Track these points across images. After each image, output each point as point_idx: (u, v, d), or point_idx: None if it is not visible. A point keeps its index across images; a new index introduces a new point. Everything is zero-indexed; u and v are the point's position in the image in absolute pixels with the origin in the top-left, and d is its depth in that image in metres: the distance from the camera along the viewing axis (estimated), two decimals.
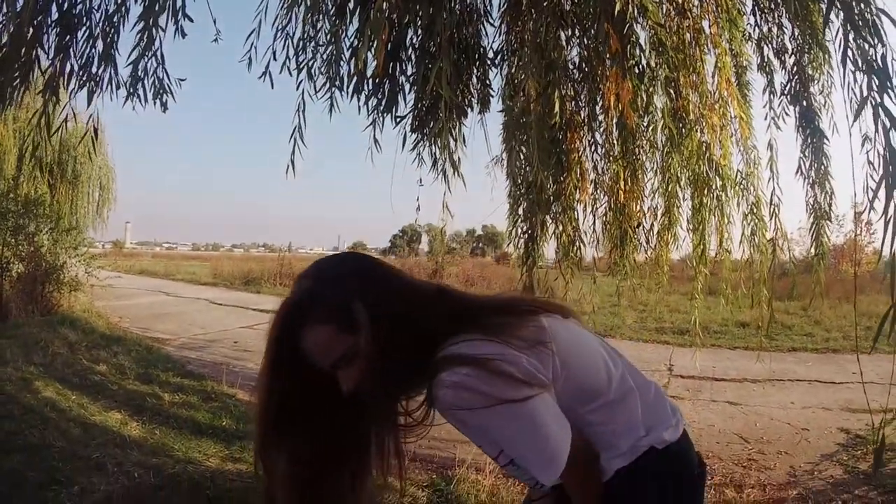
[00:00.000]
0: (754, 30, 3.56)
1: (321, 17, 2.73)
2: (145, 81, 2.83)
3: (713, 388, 5.84)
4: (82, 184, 11.80)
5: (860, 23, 1.59)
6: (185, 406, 4.50)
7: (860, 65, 1.56)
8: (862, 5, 1.59)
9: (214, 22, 2.73)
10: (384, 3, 1.39)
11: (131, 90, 2.83)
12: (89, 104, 2.73)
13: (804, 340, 8.42)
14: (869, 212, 1.61)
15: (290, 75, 2.94)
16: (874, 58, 1.55)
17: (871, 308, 8.27)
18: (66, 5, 2.48)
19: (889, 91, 1.48)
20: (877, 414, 3.40)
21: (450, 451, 3.77)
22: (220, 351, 7.17)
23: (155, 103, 2.94)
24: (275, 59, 2.98)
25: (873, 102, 1.49)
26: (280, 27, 2.89)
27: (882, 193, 1.44)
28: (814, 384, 6.03)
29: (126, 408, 4.27)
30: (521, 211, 2.98)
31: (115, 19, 2.59)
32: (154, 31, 2.51)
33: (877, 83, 1.48)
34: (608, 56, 2.15)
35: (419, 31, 2.43)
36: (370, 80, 2.67)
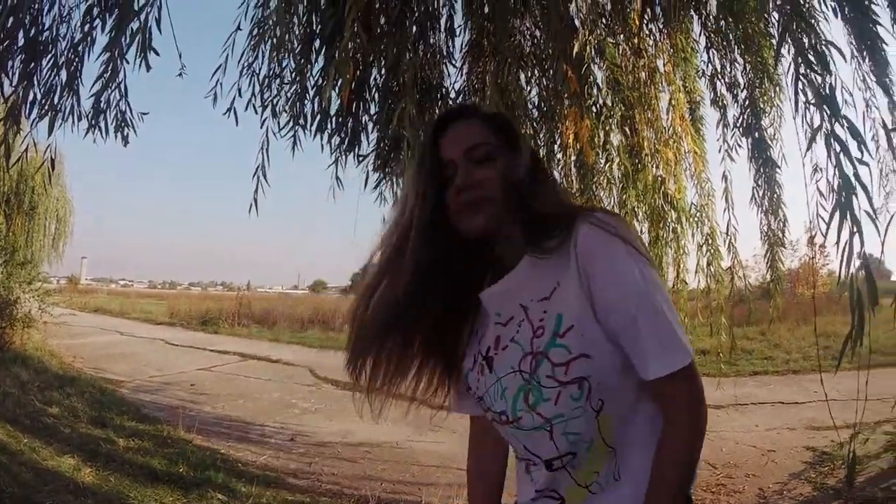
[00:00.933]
0: (707, 66, 3.71)
1: (287, 54, 2.73)
2: (107, 114, 2.76)
3: None
4: (39, 216, 11.39)
5: (811, 55, 1.65)
6: (141, 452, 4.34)
7: (810, 97, 1.61)
8: (812, 38, 1.66)
9: (180, 56, 2.68)
10: (349, 43, 1.39)
11: (93, 122, 2.75)
12: (50, 134, 2.62)
13: (765, 364, 8.62)
14: (824, 237, 1.65)
15: (255, 112, 2.93)
16: (824, 89, 1.60)
17: (828, 328, 8.51)
18: (32, 31, 2.43)
19: (839, 120, 1.53)
20: (841, 430, 3.49)
21: (415, 495, 3.70)
22: (176, 394, 6.98)
23: (116, 136, 2.86)
24: (240, 95, 2.97)
25: (826, 131, 1.53)
26: (246, 64, 2.88)
27: (835, 221, 1.48)
28: (777, 406, 6.16)
29: (80, 452, 4.10)
30: None
31: (80, 48, 2.54)
32: (119, 62, 2.45)
33: (828, 113, 1.53)
34: (567, 96, 2.19)
35: (383, 71, 2.45)
36: (334, 119, 2.68)
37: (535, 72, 2.58)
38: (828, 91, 1.59)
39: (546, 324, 0.89)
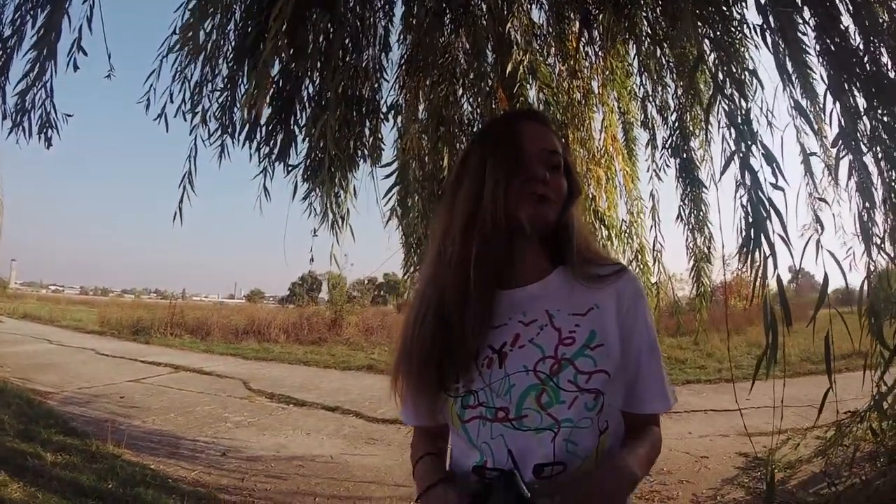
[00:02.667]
0: (640, 89, 3.83)
1: (220, 61, 2.66)
2: (32, 114, 2.62)
3: None
4: None
5: (728, 84, 1.72)
6: (69, 467, 4.16)
7: (724, 123, 1.68)
8: (733, 66, 1.74)
9: (109, 57, 2.58)
10: (272, 56, 1.36)
11: (17, 121, 2.60)
12: None
13: (697, 373, 8.96)
14: (746, 254, 1.71)
15: (185, 119, 2.84)
16: (739, 115, 1.67)
17: (759, 338, 8.92)
18: None
19: (753, 147, 1.59)
20: (772, 435, 3.64)
21: None
22: (106, 407, 6.66)
23: (39, 138, 2.72)
24: (171, 101, 2.86)
25: (740, 156, 1.59)
26: (179, 69, 2.78)
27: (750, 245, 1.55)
28: (710, 413, 6.38)
29: (6, 467, 3.89)
30: (415, 259, 2.98)
31: (9, 44, 2.40)
32: (46, 61, 2.34)
33: (744, 144, 1.59)
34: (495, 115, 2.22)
35: (315, 83, 2.42)
36: (264, 128, 2.62)
37: (468, 89, 2.61)
38: (742, 118, 1.66)
39: (577, 335, 0.96)
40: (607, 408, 0.96)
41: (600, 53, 3.50)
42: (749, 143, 1.53)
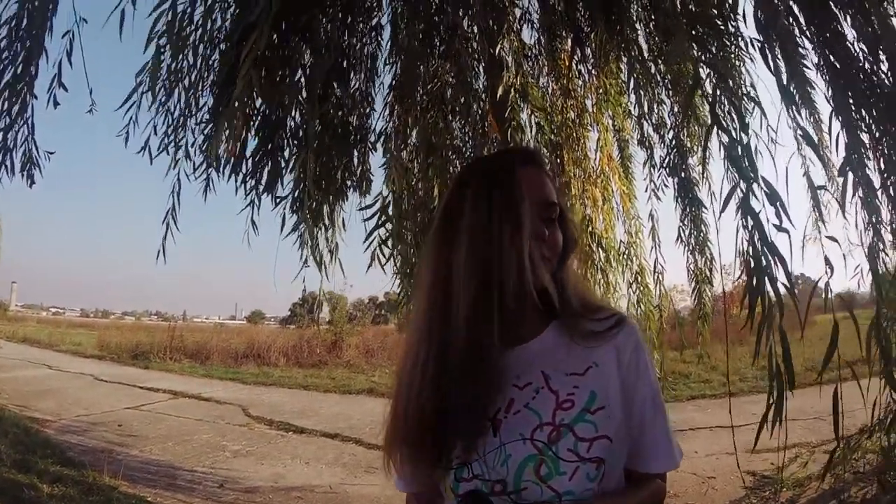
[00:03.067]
0: (635, 107, 3.77)
1: (203, 92, 2.60)
2: (14, 153, 2.57)
3: None
4: None
5: (729, 108, 1.64)
6: (65, 499, 4.12)
7: (724, 154, 1.59)
8: (730, 83, 1.66)
9: (90, 92, 2.52)
10: (244, 95, 1.29)
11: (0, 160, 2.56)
12: None
13: (702, 387, 8.79)
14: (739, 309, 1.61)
15: (167, 154, 2.75)
16: (737, 150, 1.54)
17: (764, 350, 8.79)
18: None
19: (754, 185, 1.45)
20: (780, 451, 3.54)
21: None
22: (104, 436, 6.55)
23: (22, 175, 2.66)
24: (155, 133, 2.77)
25: (740, 196, 1.47)
26: (161, 101, 2.70)
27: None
28: (715, 430, 6.23)
29: (3, 498, 3.91)
30: (409, 289, 2.89)
31: None
32: (27, 97, 2.29)
33: (744, 183, 1.46)
34: (486, 140, 2.17)
35: (302, 113, 2.36)
36: (248, 161, 2.54)
37: (457, 115, 2.55)
38: (741, 152, 1.53)
39: (576, 398, 0.88)
40: (608, 475, 0.88)
41: (593, 71, 3.46)
42: (750, 181, 1.41)
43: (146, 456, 5.78)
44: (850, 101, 1.77)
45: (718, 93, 1.58)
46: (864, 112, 1.79)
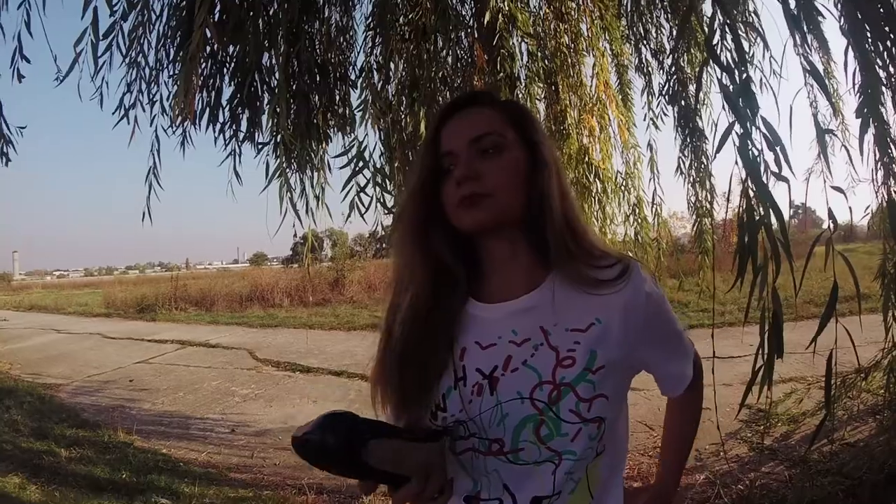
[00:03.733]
0: (632, 31, 3.59)
1: (171, 44, 2.45)
2: None
3: None
4: None
5: (729, 33, 1.50)
6: (83, 461, 4.23)
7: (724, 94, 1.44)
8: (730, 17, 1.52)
9: (55, 59, 2.37)
10: (201, 48, 1.18)
11: None
12: None
13: (701, 317, 8.81)
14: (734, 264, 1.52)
15: (143, 110, 2.62)
16: (735, 84, 1.37)
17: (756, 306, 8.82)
18: None
19: (752, 127, 1.32)
20: (777, 385, 3.57)
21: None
22: (116, 392, 6.72)
23: None
24: (129, 90, 2.62)
25: (737, 136, 1.32)
26: (132, 58, 2.54)
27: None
28: (713, 361, 6.29)
29: (23, 469, 3.98)
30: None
31: None
32: None
33: (740, 124, 1.32)
34: (475, 70, 2.06)
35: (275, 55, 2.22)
36: (225, 109, 2.42)
37: (444, 45, 2.40)
38: (739, 90, 1.36)
39: (577, 355, 0.83)
40: (607, 432, 0.85)
41: None
42: (748, 122, 1.27)
43: (158, 408, 5.95)
44: (867, 33, 1.61)
45: (716, 20, 1.43)
46: (880, 46, 1.62)
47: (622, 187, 3.31)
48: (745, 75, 1.34)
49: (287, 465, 4.17)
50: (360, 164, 1.66)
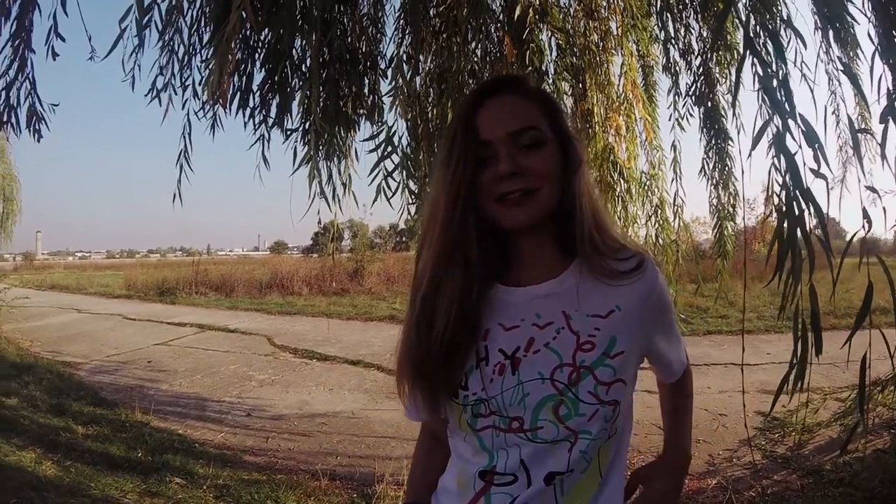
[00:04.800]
0: (661, 31, 3.56)
1: (206, 27, 2.49)
2: (19, 109, 2.52)
3: None
4: None
5: (761, 41, 1.49)
6: (99, 439, 4.32)
7: (761, 90, 1.43)
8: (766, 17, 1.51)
9: (90, 39, 2.43)
10: (237, 30, 1.21)
11: (5, 118, 2.51)
12: None
13: (719, 323, 8.77)
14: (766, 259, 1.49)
15: (175, 93, 2.67)
16: (775, 80, 1.37)
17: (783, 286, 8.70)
18: None
19: (790, 122, 1.30)
20: (790, 394, 3.52)
21: (370, 467, 3.70)
22: (134, 373, 6.86)
23: (29, 131, 2.63)
24: (161, 73, 2.67)
25: (774, 132, 1.31)
26: (166, 41, 2.58)
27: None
28: (729, 367, 6.26)
29: (39, 445, 4.08)
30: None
31: None
32: (25, 52, 2.24)
33: (779, 118, 1.30)
34: (503, 64, 2.06)
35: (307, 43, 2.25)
36: (256, 94, 2.45)
37: (468, 38, 2.41)
38: (776, 84, 1.36)
39: (597, 340, 0.87)
40: (621, 414, 0.89)
41: None
42: (786, 117, 1.25)
43: (176, 390, 6.06)
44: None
45: (753, 18, 1.42)
46: None
47: (645, 188, 3.29)
48: (783, 69, 1.33)
49: (301, 450, 4.23)
50: (389, 148, 1.68)
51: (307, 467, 3.85)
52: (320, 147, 2.02)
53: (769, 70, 1.36)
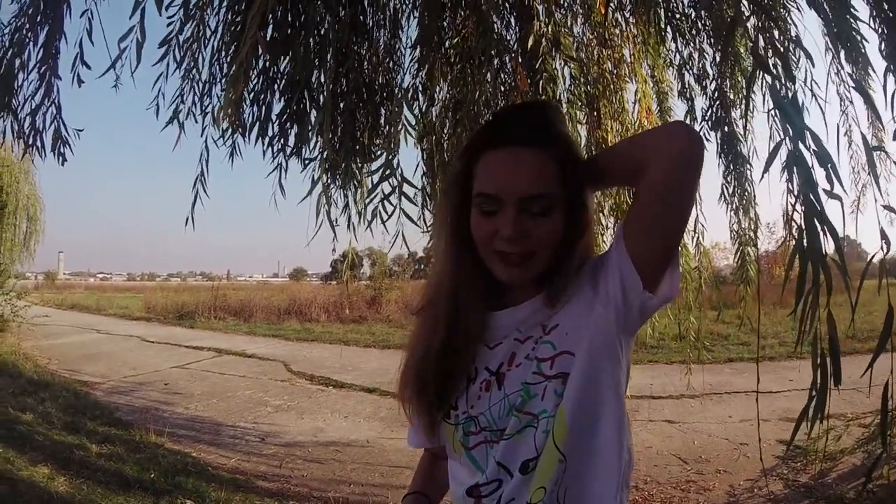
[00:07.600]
0: (675, 56, 3.57)
1: (227, 57, 2.56)
2: (44, 134, 2.60)
3: (651, 407, 5.90)
4: (9, 215, 11.01)
5: (773, 53, 1.49)
6: (113, 458, 4.32)
7: (772, 105, 1.43)
8: (774, 34, 1.51)
9: (113, 67, 2.51)
10: (249, 59, 1.23)
11: (31, 142, 2.59)
12: None
13: (741, 350, 8.61)
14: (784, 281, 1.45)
15: (196, 121, 2.74)
16: (787, 96, 1.36)
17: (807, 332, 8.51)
18: None
19: (802, 136, 1.25)
20: (810, 423, 3.42)
21: (383, 496, 3.67)
22: (150, 395, 6.89)
23: (54, 154, 2.70)
24: (182, 101, 2.73)
25: (787, 153, 1.26)
26: (188, 68, 2.67)
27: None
28: (751, 395, 6.09)
29: (53, 461, 4.07)
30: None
31: (14, 66, 2.38)
32: (52, 79, 2.31)
33: (791, 137, 1.25)
34: (517, 94, 2.08)
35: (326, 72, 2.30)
36: (275, 123, 2.51)
37: (483, 68, 2.44)
38: (789, 102, 1.33)
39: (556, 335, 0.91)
40: (572, 385, 0.86)
41: (631, 19, 3.27)
42: (798, 136, 1.21)
43: (191, 413, 6.06)
44: None
45: (762, 36, 1.42)
46: None
47: None
48: (793, 87, 1.32)
49: (314, 477, 4.20)
50: (388, 171, 1.70)
51: (320, 494, 3.82)
52: (336, 176, 2.05)
53: (778, 83, 1.35)
